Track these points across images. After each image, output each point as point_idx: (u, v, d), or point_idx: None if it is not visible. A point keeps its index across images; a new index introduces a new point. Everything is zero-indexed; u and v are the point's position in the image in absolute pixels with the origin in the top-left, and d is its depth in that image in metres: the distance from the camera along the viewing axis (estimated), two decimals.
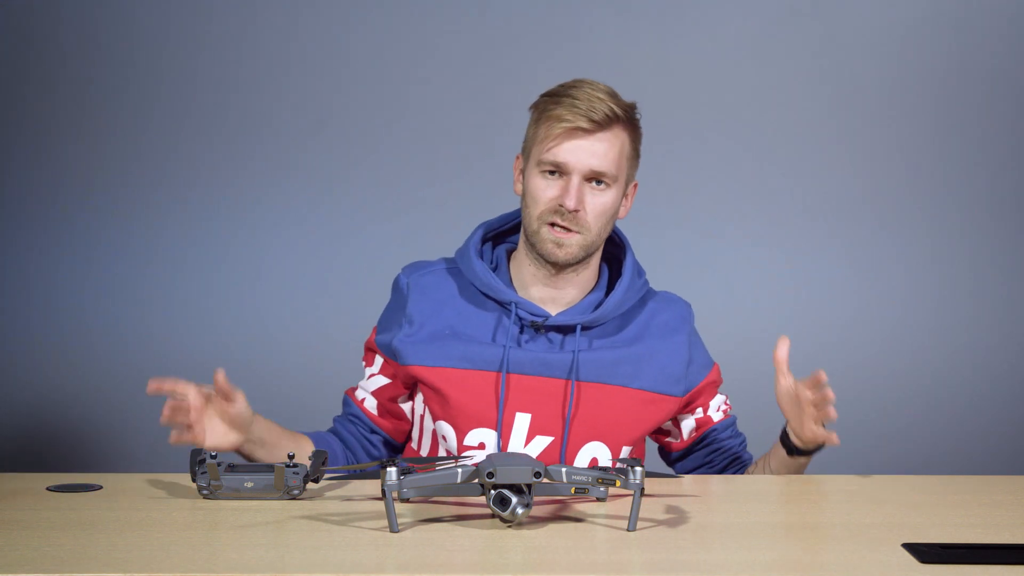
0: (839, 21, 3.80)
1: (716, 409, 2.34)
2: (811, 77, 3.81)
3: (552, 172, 2.17)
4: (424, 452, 2.28)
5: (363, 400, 2.30)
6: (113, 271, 3.84)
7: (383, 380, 2.28)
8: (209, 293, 3.84)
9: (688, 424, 2.32)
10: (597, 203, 2.17)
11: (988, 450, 3.80)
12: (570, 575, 1.63)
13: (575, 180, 2.15)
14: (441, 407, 2.21)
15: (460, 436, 2.19)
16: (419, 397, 2.27)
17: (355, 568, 1.63)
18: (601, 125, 2.15)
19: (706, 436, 2.33)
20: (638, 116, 2.22)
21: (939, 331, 3.84)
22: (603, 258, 2.30)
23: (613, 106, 2.15)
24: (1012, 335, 3.84)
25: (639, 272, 2.30)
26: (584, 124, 2.14)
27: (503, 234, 2.34)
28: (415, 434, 2.30)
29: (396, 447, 2.34)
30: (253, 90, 3.81)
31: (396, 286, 2.31)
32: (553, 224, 2.17)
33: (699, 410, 2.32)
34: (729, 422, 2.35)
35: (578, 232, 2.17)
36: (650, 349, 2.25)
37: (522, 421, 2.20)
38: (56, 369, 3.83)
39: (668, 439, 2.36)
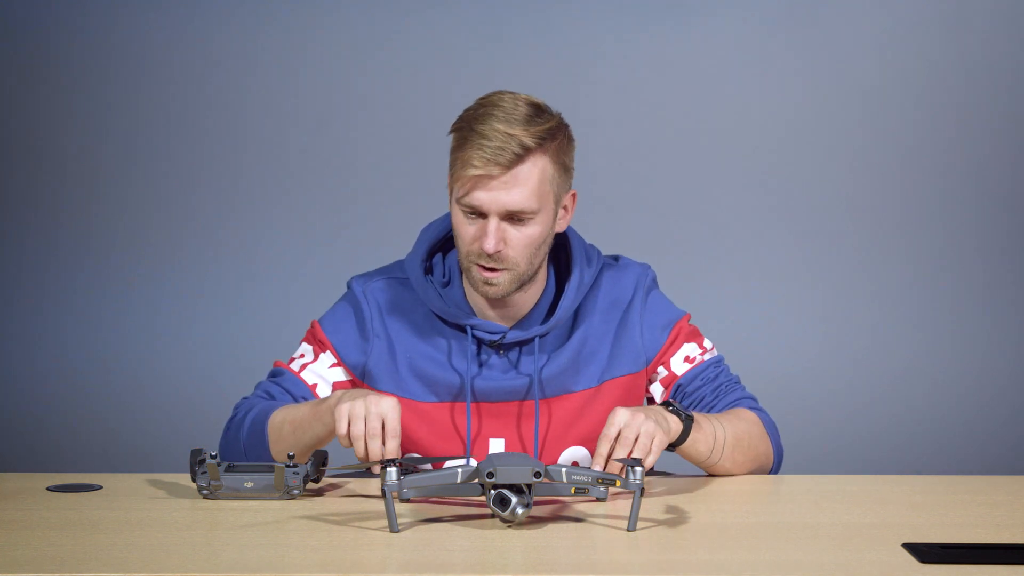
0: (837, 28, 3.80)
1: (681, 361, 2.26)
2: (806, 81, 3.81)
3: (471, 213, 2.11)
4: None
5: (315, 386, 2.22)
6: (113, 272, 3.84)
7: (343, 376, 2.23)
8: (208, 293, 3.84)
9: (657, 388, 2.27)
10: (521, 237, 2.10)
11: (988, 450, 3.80)
12: (570, 575, 1.63)
13: (492, 223, 2.09)
14: (409, 439, 2.19)
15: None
16: None
17: (355, 568, 1.63)
18: (511, 166, 2.07)
19: (675, 394, 2.26)
20: (563, 127, 2.12)
21: (937, 333, 3.84)
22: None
23: (525, 139, 2.06)
24: (1011, 336, 3.84)
25: (588, 259, 2.23)
26: (494, 170, 2.06)
27: (452, 238, 2.24)
28: None
29: None
30: (251, 95, 3.82)
31: (353, 297, 2.25)
32: (481, 264, 2.11)
33: (661, 369, 2.26)
34: (698, 371, 2.25)
35: (505, 269, 2.11)
36: (606, 336, 2.21)
37: (496, 446, 2.19)
38: (56, 370, 3.83)
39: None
